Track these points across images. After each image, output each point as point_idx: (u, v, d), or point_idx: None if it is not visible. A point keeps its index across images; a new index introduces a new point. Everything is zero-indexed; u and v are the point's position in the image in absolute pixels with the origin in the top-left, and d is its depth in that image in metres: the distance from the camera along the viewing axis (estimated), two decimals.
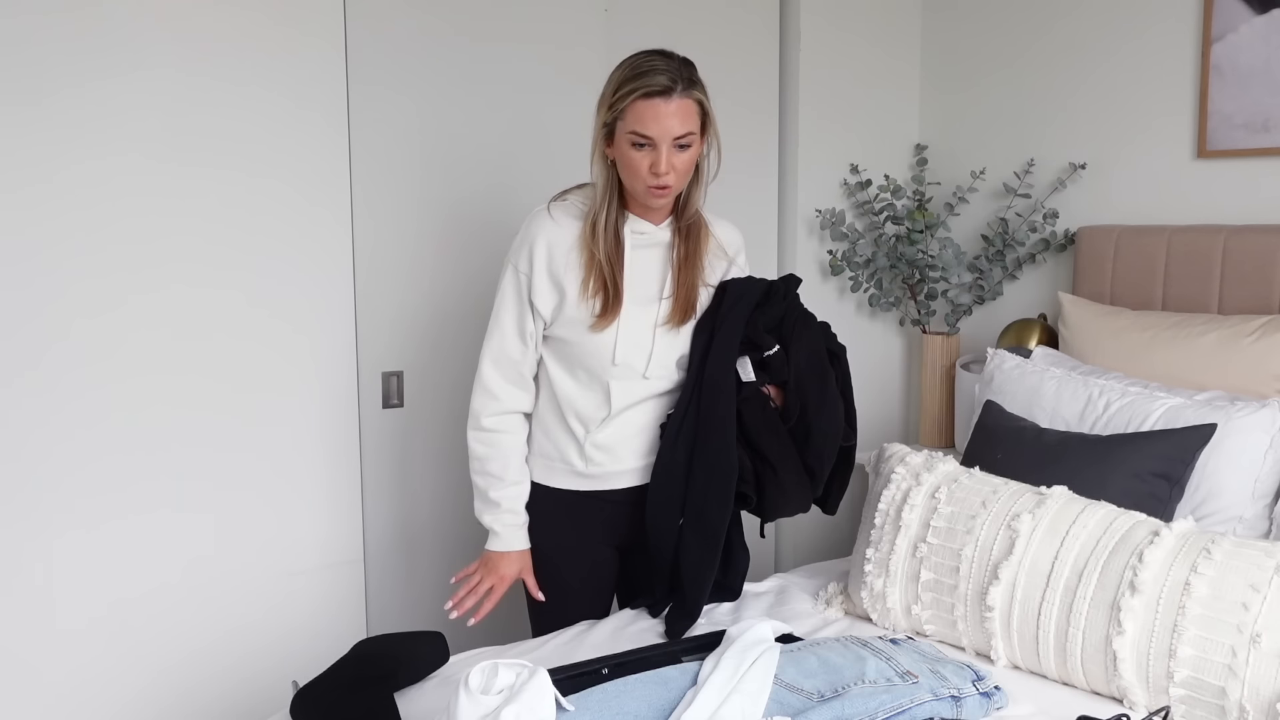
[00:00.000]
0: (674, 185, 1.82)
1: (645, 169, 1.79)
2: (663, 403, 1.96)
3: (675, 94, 1.76)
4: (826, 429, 1.90)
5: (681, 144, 1.78)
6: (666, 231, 1.93)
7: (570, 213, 1.91)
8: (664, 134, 1.76)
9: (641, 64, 1.78)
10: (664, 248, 1.93)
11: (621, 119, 1.78)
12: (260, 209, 2.26)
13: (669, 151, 1.77)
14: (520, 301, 1.91)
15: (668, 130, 1.76)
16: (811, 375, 1.90)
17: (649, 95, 1.75)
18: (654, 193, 1.82)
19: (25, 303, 2.04)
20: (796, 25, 3.01)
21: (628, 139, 1.78)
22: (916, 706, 1.48)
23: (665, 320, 1.91)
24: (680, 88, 1.76)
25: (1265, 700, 1.47)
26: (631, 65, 1.80)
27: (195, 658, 2.26)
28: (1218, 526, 2.05)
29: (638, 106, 1.76)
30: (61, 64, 2.02)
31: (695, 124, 1.80)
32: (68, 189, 2.05)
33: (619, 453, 1.95)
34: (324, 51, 2.29)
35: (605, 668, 1.57)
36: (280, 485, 2.34)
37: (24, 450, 2.06)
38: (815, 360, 1.92)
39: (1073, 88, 2.86)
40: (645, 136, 1.76)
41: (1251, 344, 2.28)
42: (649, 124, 1.76)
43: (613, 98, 1.79)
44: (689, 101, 1.78)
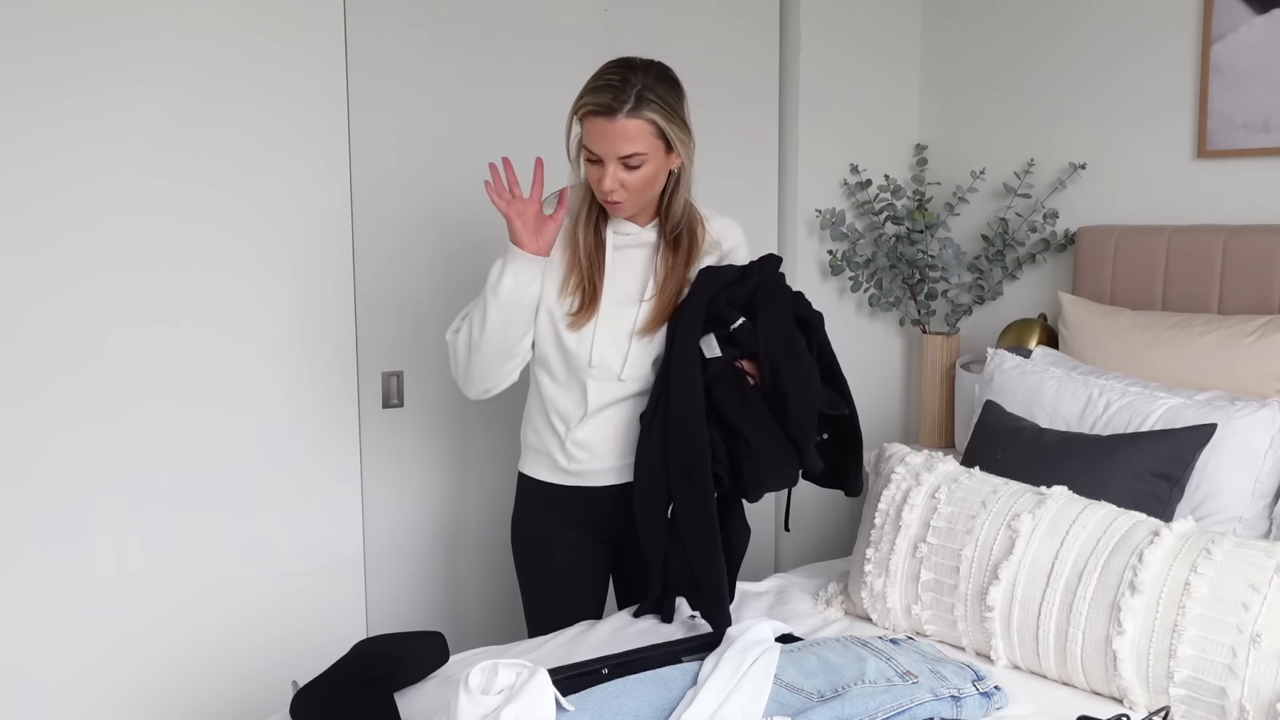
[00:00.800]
0: (626, 201, 1.80)
1: (597, 181, 1.78)
2: (643, 402, 1.94)
3: (620, 114, 1.72)
4: (801, 395, 1.82)
5: (629, 163, 1.75)
6: (652, 233, 1.92)
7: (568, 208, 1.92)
8: (609, 153, 1.74)
9: (601, 76, 1.76)
10: (649, 249, 1.92)
11: (581, 129, 1.78)
12: (260, 209, 2.26)
13: (615, 169, 1.75)
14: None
15: (612, 149, 1.74)
16: (779, 342, 1.84)
17: (594, 113, 1.73)
18: (609, 205, 1.82)
19: (23, 303, 2.03)
20: (796, 25, 3.01)
21: (582, 150, 1.79)
22: (916, 706, 1.48)
23: (644, 324, 1.89)
24: (627, 107, 1.72)
25: (1265, 700, 1.47)
26: (594, 76, 1.77)
27: (195, 657, 2.26)
28: (1218, 526, 2.05)
29: (586, 123, 1.75)
30: (62, 66, 2.02)
31: (647, 144, 1.75)
32: (67, 189, 2.05)
33: (599, 451, 1.94)
34: (324, 51, 2.29)
35: (605, 668, 1.57)
36: (280, 485, 2.34)
37: (20, 450, 2.06)
38: (782, 327, 1.85)
39: (1073, 88, 2.86)
40: (592, 153, 1.76)
41: (1251, 344, 2.27)
42: (594, 141, 1.75)
43: (574, 107, 1.78)
44: (639, 122, 1.73)
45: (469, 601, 2.62)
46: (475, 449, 2.61)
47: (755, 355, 1.85)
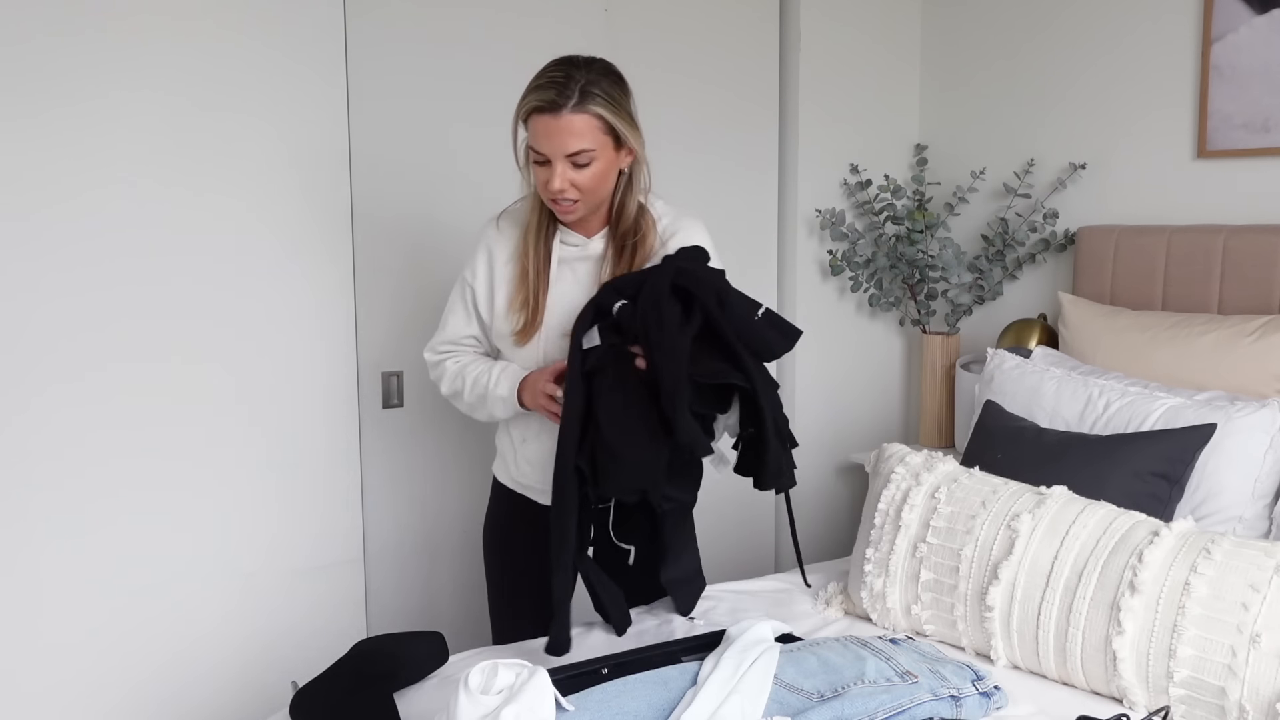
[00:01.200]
0: (580, 200, 1.75)
1: (544, 183, 1.74)
2: None
3: (564, 110, 1.68)
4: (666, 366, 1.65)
5: (577, 161, 1.71)
6: (600, 243, 1.85)
7: (516, 222, 1.88)
8: (554, 150, 1.70)
9: (543, 74, 1.72)
10: (594, 262, 1.85)
11: (527, 130, 1.74)
12: (260, 209, 2.26)
13: (563, 168, 1.70)
14: (467, 311, 1.92)
15: (559, 147, 1.69)
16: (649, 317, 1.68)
17: (538, 110, 1.69)
18: (557, 209, 1.77)
19: (23, 303, 2.04)
20: (796, 25, 3.01)
21: (529, 153, 1.74)
22: (916, 706, 1.48)
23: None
24: (572, 102, 1.68)
25: (1265, 700, 1.47)
26: (537, 74, 1.73)
27: (195, 657, 2.26)
28: (1217, 526, 2.05)
29: (531, 121, 1.71)
30: (63, 68, 2.02)
31: (594, 140, 1.71)
32: (66, 191, 2.05)
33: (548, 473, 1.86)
34: (324, 51, 2.29)
35: (605, 668, 1.57)
36: (280, 485, 2.34)
37: (20, 451, 2.06)
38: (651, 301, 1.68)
39: (1073, 87, 2.86)
40: (539, 152, 1.72)
41: (1251, 344, 2.27)
42: (540, 140, 1.70)
43: (519, 107, 1.74)
44: (585, 117, 1.69)
45: (469, 601, 2.62)
46: (475, 449, 2.61)
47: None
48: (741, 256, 3.04)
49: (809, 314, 3.12)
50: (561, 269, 1.85)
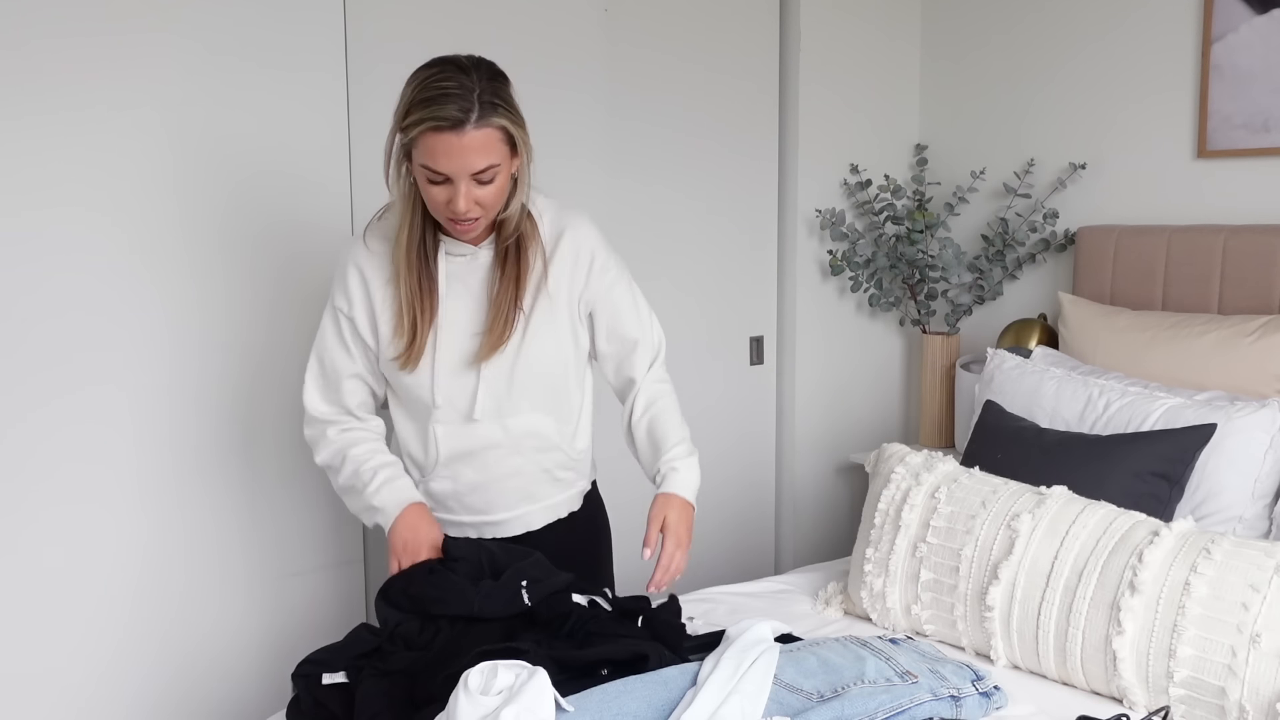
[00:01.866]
0: (481, 217, 1.60)
1: (443, 203, 1.57)
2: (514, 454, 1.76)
3: (469, 125, 1.51)
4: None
5: (482, 179, 1.55)
6: (487, 251, 1.70)
7: (387, 237, 1.70)
8: (459, 170, 1.53)
9: (431, 84, 1.53)
10: (485, 270, 1.70)
11: (414, 147, 1.55)
12: (259, 209, 2.26)
13: (467, 187, 1.54)
14: (345, 347, 1.74)
15: (463, 167, 1.53)
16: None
17: (438, 129, 1.51)
18: (457, 227, 1.60)
19: (23, 302, 2.03)
20: (796, 25, 3.01)
21: (421, 172, 1.56)
22: (916, 706, 1.48)
23: (484, 355, 1.68)
24: (475, 115, 1.51)
25: (1265, 700, 1.47)
26: (421, 84, 1.54)
27: (195, 657, 2.26)
28: (1218, 526, 2.05)
29: (427, 140, 1.52)
30: (62, 61, 2.02)
31: (499, 153, 1.55)
32: (61, 182, 2.05)
33: (450, 505, 1.81)
34: (324, 51, 2.29)
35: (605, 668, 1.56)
36: (280, 485, 2.34)
37: (19, 451, 2.06)
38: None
39: (1073, 88, 2.86)
40: (438, 173, 1.54)
41: (1251, 344, 2.27)
42: (440, 160, 1.52)
43: (402, 121, 1.55)
44: (489, 130, 1.53)
45: None
46: None
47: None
48: (742, 256, 3.04)
49: (809, 314, 3.12)
50: (452, 284, 1.69)
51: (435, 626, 1.62)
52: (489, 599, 1.61)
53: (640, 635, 1.64)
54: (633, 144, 2.76)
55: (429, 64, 1.58)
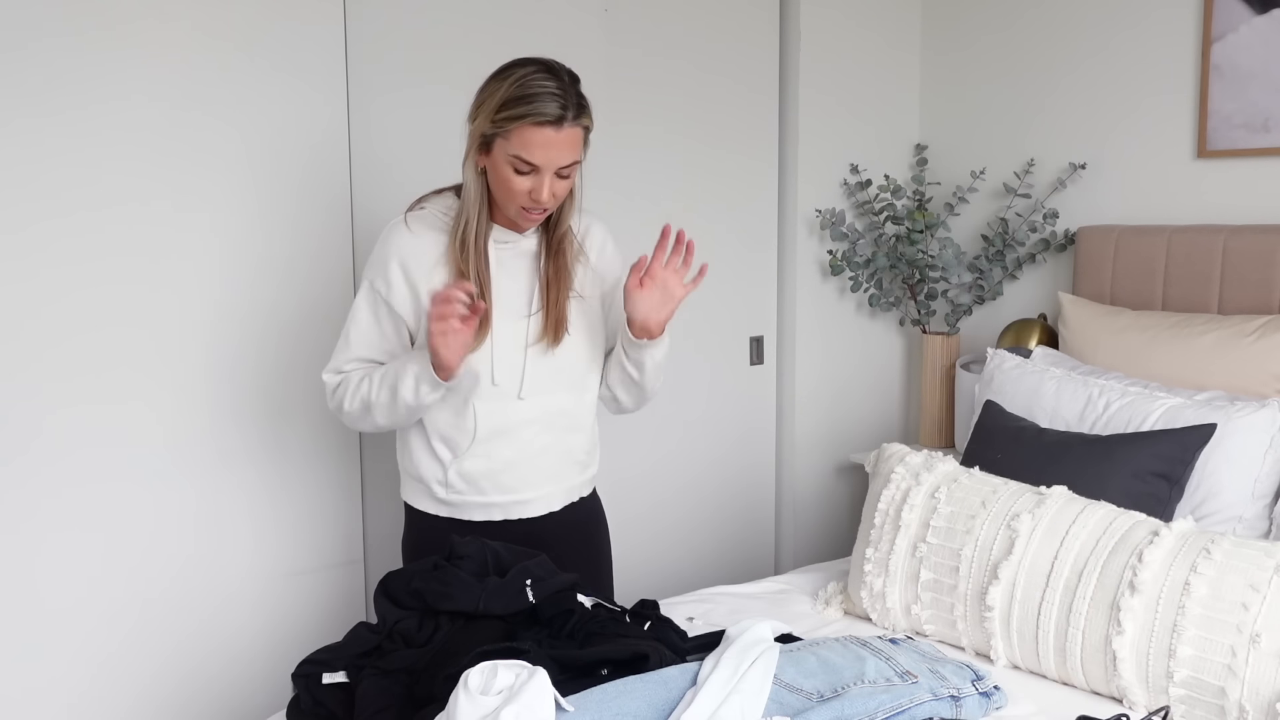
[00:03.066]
0: (550, 210, 1.76)
1: (524, 192, 1.70)
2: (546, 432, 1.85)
3: (566, 123, 1.66)
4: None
5: (563, 173, 1.71)
6: (532, 240, 1.84)
7: (430, 224, 1.81)
8: (551, 163, 1.67)
9: (531, 84, 1.66)
10: (530, 258, 1.83)
11: (504, 138, 1.68)
12: (260, 209, 2.26)
13: (551, 180, 1.69)
14: (379, 327, 1.82)
15: (555, 160, 1.67)
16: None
17: (540, 124, 1.65)
18: (527, 215, 1.74)
19: (23, 302, 2.03)
20: (796, 25, 3.01)
21: (509, 161, 1.68)
22: (916, 706, 1.48)
23: (537, 338, 1.81)
24: (571, 115, 1.67)
25: (1265, 700, 1.47)
26: (520, 83, 1.67)
27: (195, 657, 2.26)
28: (1217, 526, 2.05)
29: (525, 132, 1.65)
30: (61, 58, 2.02)
31: (579, 154, 1.72)
32: (63, 187, 2.05)
33: (482, 485, 1.86)
34: (324, 50, 2.29)
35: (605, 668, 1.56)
36: (280, 485, 2.34)
37: (19, 450, 2.06)
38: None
39: (1073, 88, 2.86)
40: (530, 163, 1.67)
41: (1251, 344, 2.27)
42: (535, 152, 1.66)
43: (496, 114, 1.67)
44: (577, 129, 1.69)
45: None
46: None
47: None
48: (742, 256, 3.04)
49: (809, 314, 3.12)
50: (499, 269, 1.81)
51: (435, 623, 1.62)
52: (494, 595, 1.62)
53: (640, 635, 1.64)
54: (633, 144, 2.76)
55: (519, 63, 1.70)
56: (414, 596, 1.64)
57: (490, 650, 1.47)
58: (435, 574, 1.66)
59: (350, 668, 1.60)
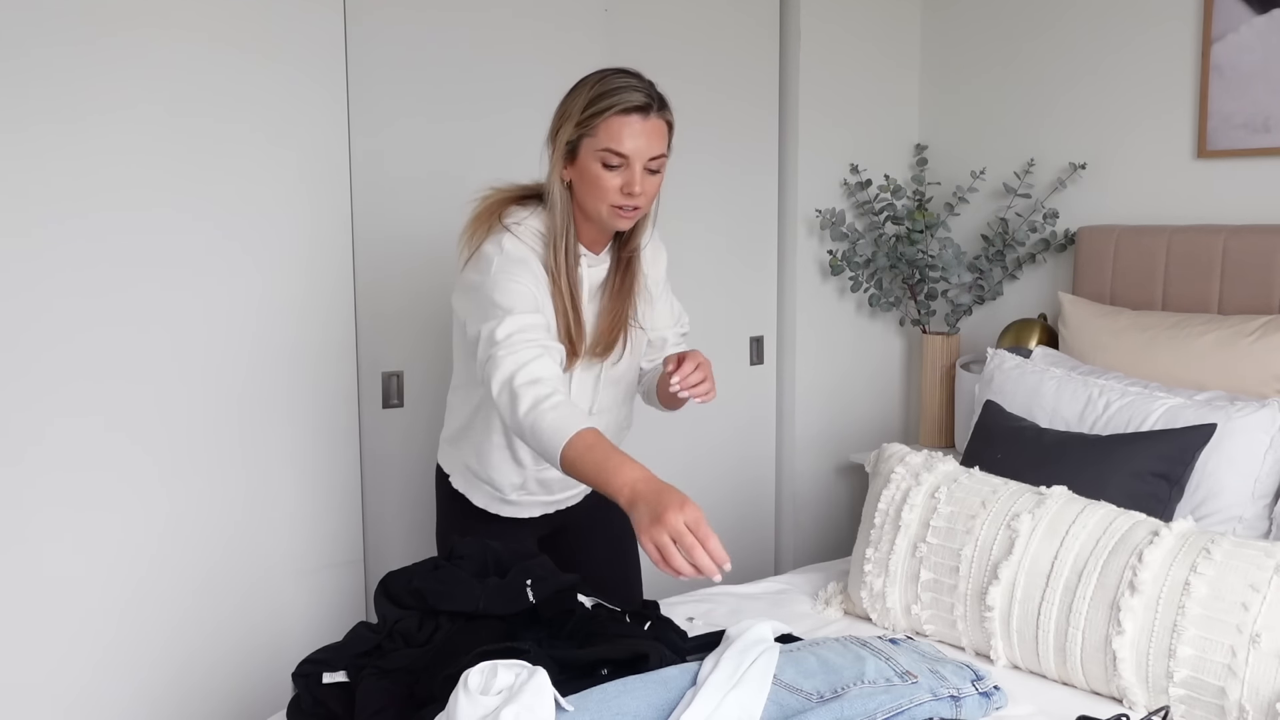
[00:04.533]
0: (642, 208, 1.73)
1: (616, 189, 1.69)
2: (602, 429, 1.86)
3: (653, 112, 1.69)
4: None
5: (651, 168, 1.70)
6: (607, 259, 1.85)
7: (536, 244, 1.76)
8: (639, 152, 1.68)
9: (613, 80, 1.70)
10: (604, 279, 1.86)
11: (591, 135, 1.68)
12: (260, 208, 2.26)
13: (642, 173, 1.69)
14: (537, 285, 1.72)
15: (645, 148, 1.68)
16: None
17: (626, 111, 1.67)
18: (620, 214, 1.71)
19: (23, 301, 2.03)
20: (796, 25, 3.01)
21: (597, 158, 1.68)
22: (915, 707, 1.48)
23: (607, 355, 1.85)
24: (656, 105, 1.70)
25: (1265, 700, 1.47)
26: (601, 81, 1.70)
27: (195, 657, 2.26)
28: (1217, 526, 2.05)
29: (612, 123, 1.67)
30: (61, 57, 2.02)
31: (665, 146, 1.72)
32: (64, 184, 2.05)
33: (553, 487, 1.94)
34: (324, 51, 2.29)
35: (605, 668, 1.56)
36: (280, 485, 2.34)
37: (20, 449, 2.06)
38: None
39: (1072, 88, 2.86)
40: (620, 154, 1.67)
41: (1251, 344, 2.27)
42: (624, 141, 1.67)
43: (582, 114, 1.69)
44: (662, 123, 1.71)
45: None
46: None
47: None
48: (742, 256, 3.04)
49: (809, 314, 3.12)
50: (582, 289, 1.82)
51: (435, 623, 1.62)
52: (494, 595, 1.62)
53: (640, 635, 1.64)
54: None
55: (596, 72, 1.72)
56: (414, 596, 1.64)
57: (490, 650, 1.46)
58: (435, 574, 1.66)
59: (350, 667, 1.60)
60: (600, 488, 1.50)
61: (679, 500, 1.40)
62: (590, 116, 1.68)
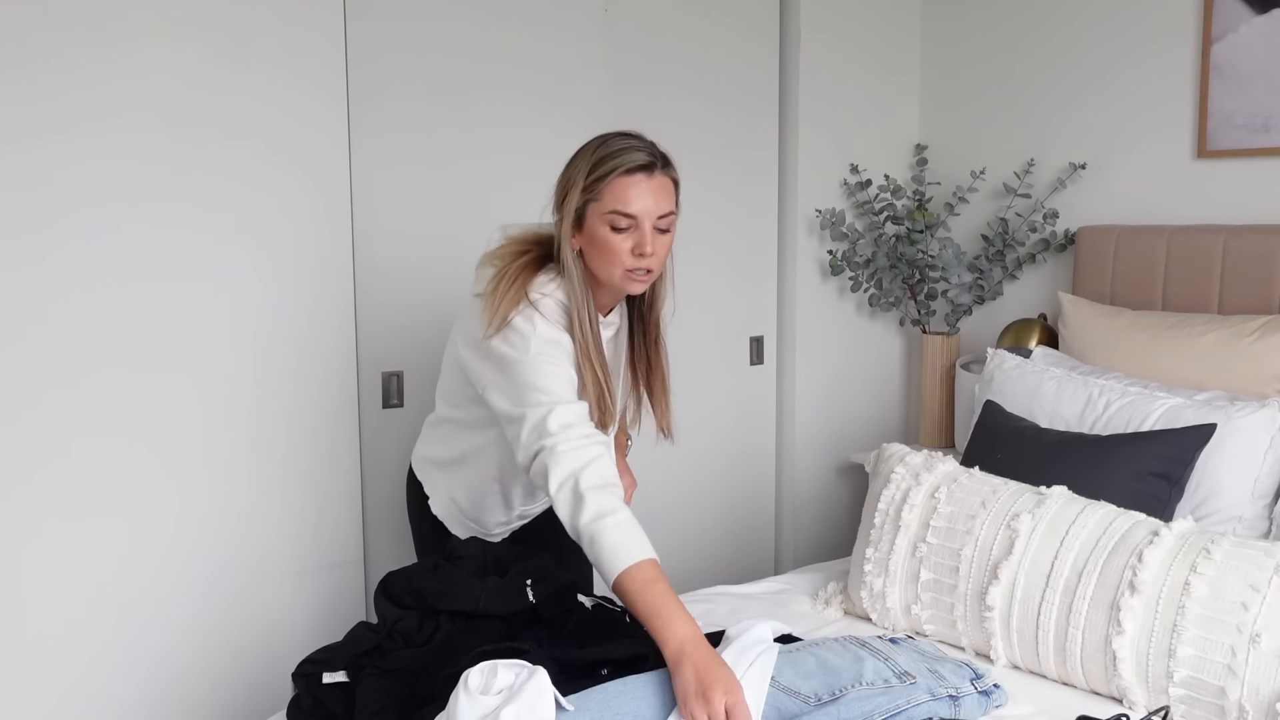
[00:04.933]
0: (655, 270, 1.71)
1: (627, 251, 1.66)
2: None
3: (658, 170, 1.67)
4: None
5: (661, 227, 1.68)
6: (616, 317, 1.84)
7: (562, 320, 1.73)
8: (647, 211, 1.65)
9: (614, 143, 1.68)
10: (618, 338, 1.85)
11: (596, 200, 1.66)
12: (260, 209, 2.26)
13: (652, 232, 1.66)
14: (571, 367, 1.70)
15: (651, 208, 1.65)
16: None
17: (630, 171, 1.65)
18: (633, 277, 1.68)
19: (20, 300, 2.03)
20: (796, 25, 3.01)
21: (605, 221, 1.66)
22: (913, 707, 1.47)
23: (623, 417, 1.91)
24: (660, 163, 1.68)
25: (1265, 700, 1.47)
26: (602, 145, 1.68)
27: (194, 657, 2.26)
28: (1217, 526, 2.05)
29: (617, 185, 1.64)
30: (62, 58, 2.02)
31: (673, 204, 1.70)
32: (64, 185, 2.05)
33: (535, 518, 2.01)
34: (325, 52, 2.29)
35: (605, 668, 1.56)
36: (280, 485, 2.34)
37: (19, 451, 2.06)
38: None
39: (1073, 88, 2.86)
40: (629, 215, 1.64)
41: (1251, 344, 2.27)
42: (631, 201, 1.64)
43: (586, 180, 1.66)
44: (668, 180, 1.69)
45: None
46: None
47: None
48: (742, 256, 3.04)
49: (809, 314, 3.12)
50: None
51: (435, 623, 1.62)
52: (494, 595, 1.62)
53: (640, 635, 1.64)
54: None
55: (596, 138, 1.70)
56: (414, 596, 1.64)
57: (490, 650, 1.47)
58: (435, 574, 1.66)
59: (350, 667, 1.60)
60: (650, 630, 1.49)
61: (726, 681, 1.40)
62: (594, 181, 1.66)
